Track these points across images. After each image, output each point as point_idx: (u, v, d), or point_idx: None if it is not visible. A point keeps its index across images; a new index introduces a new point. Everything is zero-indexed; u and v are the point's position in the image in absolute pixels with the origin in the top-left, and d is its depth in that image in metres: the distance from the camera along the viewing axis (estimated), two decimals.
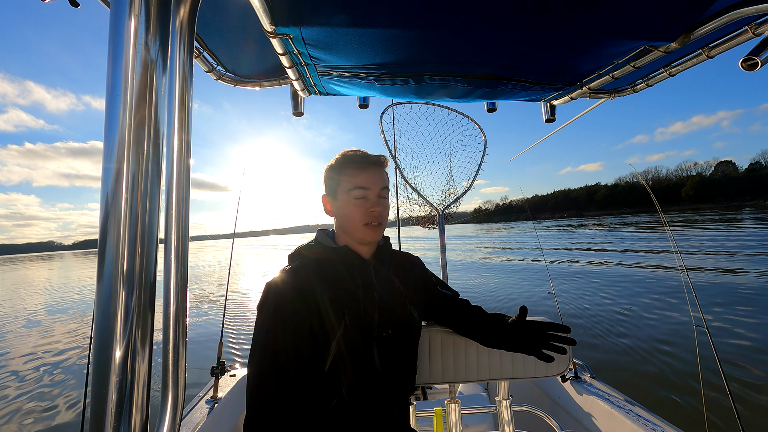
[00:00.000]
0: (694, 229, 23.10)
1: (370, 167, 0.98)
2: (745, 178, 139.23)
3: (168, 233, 0.46)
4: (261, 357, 0.86)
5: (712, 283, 8.07)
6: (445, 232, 2.29)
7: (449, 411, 1.29)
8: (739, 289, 7.38)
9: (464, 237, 34.60)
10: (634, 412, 1.55)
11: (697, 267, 9.93)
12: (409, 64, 1.18)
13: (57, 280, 21.94)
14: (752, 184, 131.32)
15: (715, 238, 17.00)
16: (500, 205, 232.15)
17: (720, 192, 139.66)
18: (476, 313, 1.13)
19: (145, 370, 0.36)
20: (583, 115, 1.73)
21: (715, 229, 22.06)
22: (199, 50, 1.15)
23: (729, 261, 10.66)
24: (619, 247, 13.59)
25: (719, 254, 11.97)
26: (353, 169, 0.98)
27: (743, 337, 4.86)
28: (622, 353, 4.64)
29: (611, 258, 11.50)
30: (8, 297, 15.02)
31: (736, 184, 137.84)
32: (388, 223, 1.06)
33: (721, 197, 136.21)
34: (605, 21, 0.93)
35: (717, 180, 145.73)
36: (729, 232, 19.73)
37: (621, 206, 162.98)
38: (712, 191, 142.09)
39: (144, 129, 0.36)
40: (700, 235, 18.91)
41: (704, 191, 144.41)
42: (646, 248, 13.49)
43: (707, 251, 12.81)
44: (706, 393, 3.27)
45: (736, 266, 9.80)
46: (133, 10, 0.36)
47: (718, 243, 15.08)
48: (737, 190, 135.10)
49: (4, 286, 20.76)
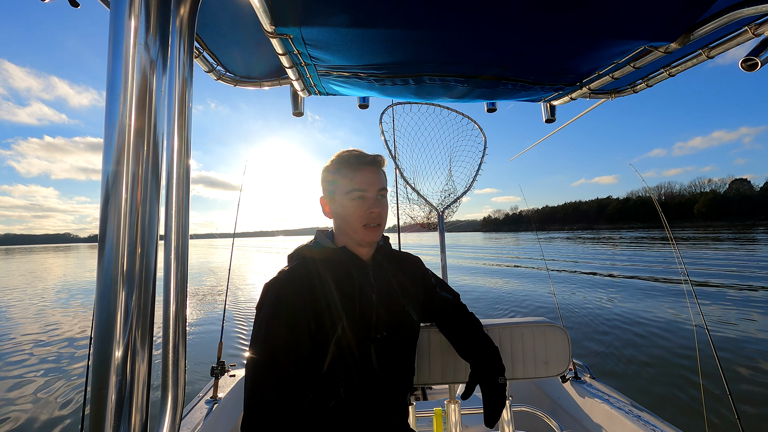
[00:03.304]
0: (715, 248, 21.48)
1: (366, 168, 0.97)
2: (759, 196, 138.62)
3: (168, 233, 0.46)
4: (259, 357, 0.86)
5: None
6: (444, 231, 2.29)
7: (449, 411, 1.29)
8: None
9: (475, 247, 33.62)
10: (634, 413, 1.55)
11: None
12: (409, 64, 1.18)
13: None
14: (767, 203, 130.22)
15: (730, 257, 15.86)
16: (509, 215, 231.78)
17: (733, 210, 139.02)
18: (463, 326, 1.14)
19: (144, 370, 0.36)
20: (583, 115, 1.73)
21: (730, 249, 20.68)
22: (199, 50, 1.15)
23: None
24: (629, 272, 12.73)
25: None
26: (349, 170, 0.97)
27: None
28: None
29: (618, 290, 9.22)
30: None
31: (750, 203, 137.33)
32: (387, 223, 1.06)
33: (735, 215, 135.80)
34: (605, 21, 0.93)
35: (731, 198, 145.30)
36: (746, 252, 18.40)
37: (632, 221, 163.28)
38: (726, 209, 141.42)
39: (144, 129, 0.36)
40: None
41: (717, 208, 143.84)
42: (658, 274, 12.36)
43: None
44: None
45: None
46: (133, 10, 0.36)
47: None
48: (751, 208, 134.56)
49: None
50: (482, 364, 1.05)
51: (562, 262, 16.87)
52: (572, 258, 18.63)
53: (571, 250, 25.24)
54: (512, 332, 1.24)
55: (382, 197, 1.00)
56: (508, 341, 1.24)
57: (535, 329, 1.24)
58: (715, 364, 1.48)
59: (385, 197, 1.02)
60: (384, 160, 1.03)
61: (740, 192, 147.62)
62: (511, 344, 1.24)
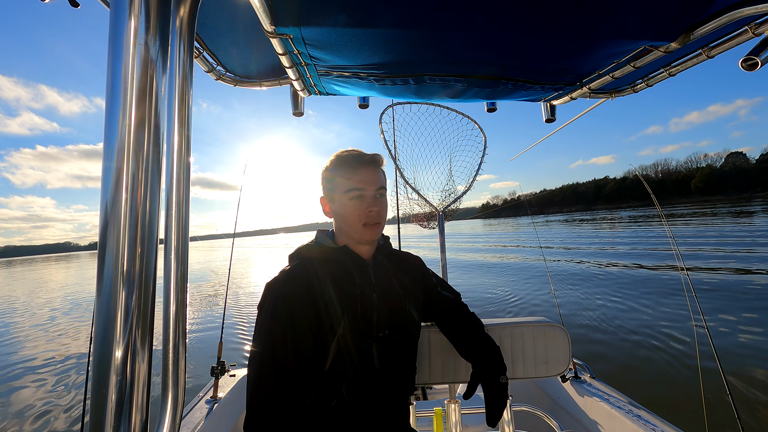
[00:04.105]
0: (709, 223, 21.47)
1: (364, 167, 0.98)
2: (755, 169, 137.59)
3: (168, 233, 0.46)
4: (261, 357, 0.86)
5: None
6: (445, 231, 2.29)
7: (449, 411, 1.29)
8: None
9: (472, 235, 33.54)
10: (634, 413, 1.55)
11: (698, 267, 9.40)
12: (409, 64, 1.18)
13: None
14: (763, 175, 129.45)
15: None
16: (508, 201, 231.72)
17: (730, 184, 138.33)
18: (464, 326, 1.14)
19: (145, 370, 0.36)
20: (584, 114, 1.73)
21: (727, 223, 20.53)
22: (199, 50, 1.15)
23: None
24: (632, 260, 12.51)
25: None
26: (347, 170, 0.98)
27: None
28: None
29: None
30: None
31: (746, 176, 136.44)
32: (387, 221, 1.06)
33: (731, 189, 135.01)
34: (605, 21, 0.93)
35: (727, 172, 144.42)
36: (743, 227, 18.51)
37: (629, 200, 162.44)
38: (722, 183, 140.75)
39: (144, 129, 0.36)
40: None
41: (714, 183, 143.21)
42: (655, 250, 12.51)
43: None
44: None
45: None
46: (133, 10, 0.35)
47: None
48: (747, 181, 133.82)
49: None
50: (484, 364, 1.05)
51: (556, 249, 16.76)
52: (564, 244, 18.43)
53: (566, 234, 24.88)
54: (512, 332, 1.24)
55: (381, 196, 1.01)
56: (508, 341, 1.24)
57: (535, 329, 1.24)
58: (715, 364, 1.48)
59: (384, 196, 1.02)
60: (383, 159, 1.03)
61: (736, 165, 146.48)
62: (512, 344, 1.24)
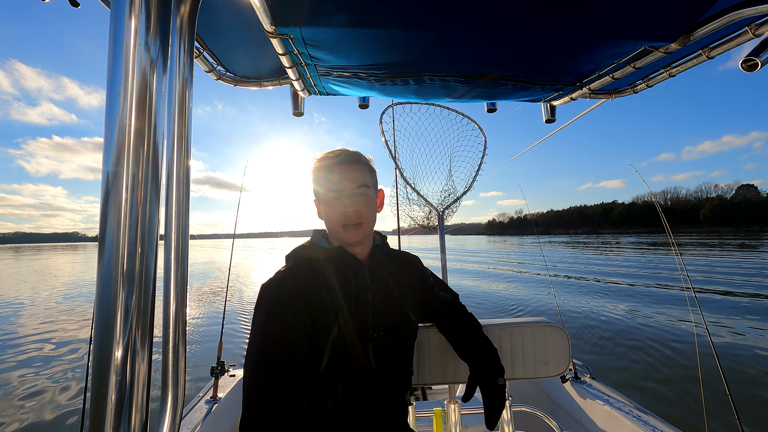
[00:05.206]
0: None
1: (338, 167, 0.97)
2: (766, 202, 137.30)
3: (168, 233, 0.46)
4: (257, 357, 0.86)
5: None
6: (444, 232, 2.29)
7: (449, 411, 1.29)
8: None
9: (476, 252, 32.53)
10: (634, 414, 1.55)
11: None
12: (409, 64, 1.18)
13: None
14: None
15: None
16: (514, 219, 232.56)
17: (740, 216, 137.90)
18: (462, 327, 1.14)
19: (144, 370, 0.36)
20: (584, 115, 1.73)
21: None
22: (199, 50, 1.15)
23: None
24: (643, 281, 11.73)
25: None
26: (325, 171, 0.98)
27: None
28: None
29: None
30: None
31: (756, 209, 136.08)
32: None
33: (741, 221, 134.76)
34: (605, 21, 0.93)
35: (737, 203, 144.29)
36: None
37: (636, 225, 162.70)
38: (732, 215, 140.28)
39: (144, 129, 0.36)
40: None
41: (723, 214, 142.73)
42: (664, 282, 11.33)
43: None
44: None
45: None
46: (133, 10, 0.36)
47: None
48: (757, 214, 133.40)
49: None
50: (481, 366, 1.05)
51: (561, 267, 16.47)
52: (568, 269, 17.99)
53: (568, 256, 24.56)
54: (512, 332, 1.24)
55: (362, 194, 0.97)
56: (507, 341, 1.24)
57: (534, 329, 1.24)
58: (715, 364, 1.48)
59: (367, 194, 0.98)
60: (363, 156, 1.02)
61: (747, 198, 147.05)
62: (511, 344, 1.24)
